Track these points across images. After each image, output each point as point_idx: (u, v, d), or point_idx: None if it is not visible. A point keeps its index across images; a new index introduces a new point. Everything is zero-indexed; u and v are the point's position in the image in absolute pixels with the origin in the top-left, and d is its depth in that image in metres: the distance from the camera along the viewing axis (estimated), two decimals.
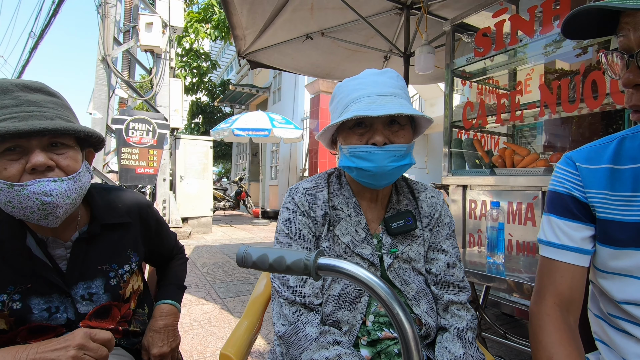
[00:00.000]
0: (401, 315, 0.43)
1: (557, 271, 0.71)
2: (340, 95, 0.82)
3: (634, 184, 0.65)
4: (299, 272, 0.49)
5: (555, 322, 0.67)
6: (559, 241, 0.71)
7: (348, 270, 0.47)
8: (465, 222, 2.36)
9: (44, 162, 0.71)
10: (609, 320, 0.72)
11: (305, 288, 0.77)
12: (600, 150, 0.71)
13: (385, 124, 0.78)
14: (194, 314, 2.76)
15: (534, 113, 2.05)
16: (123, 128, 5.77)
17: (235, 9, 2.98)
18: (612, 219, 0.66)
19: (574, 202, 0.71)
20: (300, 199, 0.84)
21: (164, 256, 1.10)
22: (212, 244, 5.94)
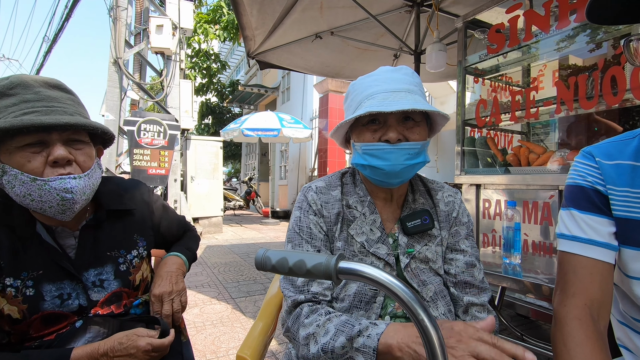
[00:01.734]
0: (426, 321, 0.42)
1: (586, 268, 0.66)
2: (354, 93, 0.81)
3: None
4: (319, 276, 0.48)
5: (587, 329, 0.61)
6: (585, 235, 0.68)
7: (370, 274, 0.46)
8: (479, 221, 2.32)
9: (65, 155, 0.74)
10: (634, 326, 0.69)
11: (313, 286, 0.77)
12: (622, 146, 0.68)
13: (399, 120, 0.77)
14: (206, 314, 2.78)
15: (550, 110, 2.01)
16: (135, 129, 5.84)
17: (245, 9, 2.99)
18: (633, 217, 0.64)
19: (598, 196, 0.68)
20: (313, 197, 0.83)
21: (175, 237, 1.13)
22: (223, 243, 5.99)
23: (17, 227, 0.77)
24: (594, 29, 1.83)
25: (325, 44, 3.72)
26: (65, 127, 0.73)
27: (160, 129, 6.03)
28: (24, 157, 0.72)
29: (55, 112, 0.74)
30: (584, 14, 1.88)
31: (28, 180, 0.71)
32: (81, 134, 0.79)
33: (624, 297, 0.71)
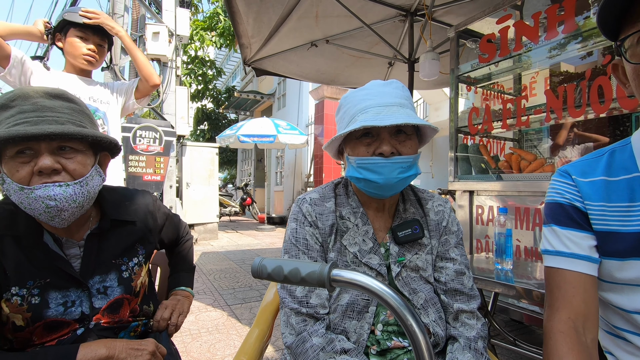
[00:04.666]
0: (414, 326, 0.44)
1: (569, 282, 0.68)
2: (347, 106, 0.83)
3: (630, 194, 0.65)
4: (313, 283, 0.50)
5: (570, 342, 0.63)
6: (568, 250, 0.70)
7: (361, 282, 0.48)
8: (473, 227, 2.35)
9: (50, 165, 0.74)
10: (616, 333, 0.72)
11: (312, 298, 0.78)
12: (594, 163, 0.71)
13: (392, 133, 0.79)
14: (202, 321, 2.77)
15: (540, 118, 2.05)
16: (130, 136, 5.84)
17: (242, 18, 3.03)
18: (611, 230, 0.66)
19: (577, 212, 0.71)
20: (308, 209, 0.85)
21: (175, 241, 1.17)
22: (218, 250, 5.97)
23: (23, 237, 0.78)
24: (583, 39, 1.88)
25: (321, 51, 3.76)
26: (51, 137, 0.73)
27: (156, 136, 6.03)
28: (14, 167, 0.73)
29: (45, 122, 0.74)
30: (571, 25, 1.92)
31: (17, 189, 0.72)
32: (74, 142, 0.78)
33: (608, 307, 0.74)
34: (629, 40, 0.61)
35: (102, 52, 1.79)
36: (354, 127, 0.75)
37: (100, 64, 1.83)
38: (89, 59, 1.72)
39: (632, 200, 0.66)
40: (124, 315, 0.89)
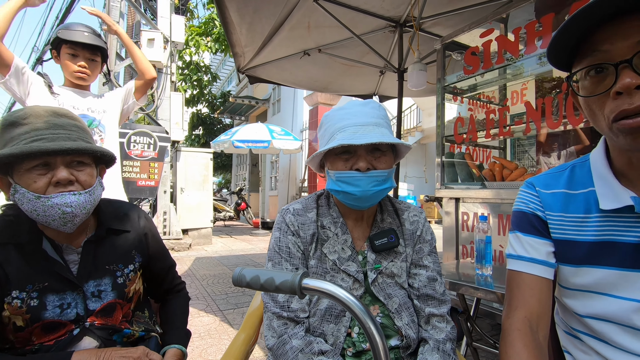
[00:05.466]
0: (373, 330, 0.50)
1: (527, 284, 0.74)
2: (327, 124, 0.90)
3: (585, 207, 0.71)
4: (286, 291, 0.56)
5: (525, 339, 0.69)
6: (528, 254, 0.76)
7: (328, 290, 0.54)
8: (458, 234, 2.42)
9: (67, 177, 0.84)
10: (572, 333, 0.78)
11: (293, 303, 0.84)
12: (557, 177, 0.78)
13: (368, 150, 0.86)
14: (194, 326, 2.80)
15: (522, 128, 2.13)
16: (125, 141, 5.87)
17: (235, 28, 3.10)
18: (567, 238, 0.73)
19: (538, 221, 0.77)
20: (291, 219, 0.91)
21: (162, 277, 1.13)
22: (212, 255, 5.99)
23: (25, 244, 0.85)
24: None
25: (313, 60, 3.84)
26: (68, 152, 0.83)
27: (150, 141, 6.07)
28: (31, 179, 0.82)
29: (60, 138, 0.84)
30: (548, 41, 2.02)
31: (33, 198, 0.81)
32: (83, 157, 0.89)
33: (565, 309, 0.80)
34: (579, 74, 0.66)
35: (95, 66, 1.84)
36: (333, 145, 0.82)
37: (95, 77, 1.88)
38: (80, 75, 1.77)
39: (587, 212, 0.72)
40: (117, 318, 0.94)
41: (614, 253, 0.67)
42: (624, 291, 0.66)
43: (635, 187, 0.65)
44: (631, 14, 0.56)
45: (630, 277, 0.65)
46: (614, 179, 0.68)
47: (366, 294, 0.89)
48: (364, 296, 0.88)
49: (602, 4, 0.56)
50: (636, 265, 0.65)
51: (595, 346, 0.71)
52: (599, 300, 0.69)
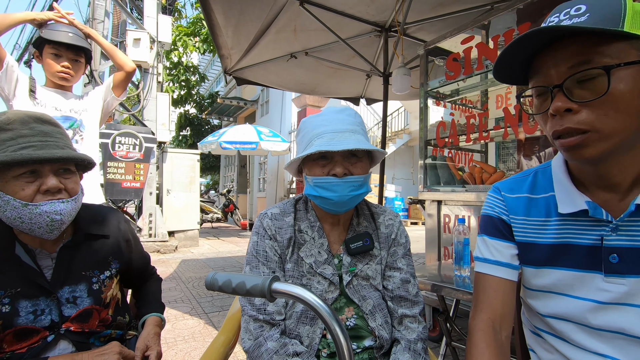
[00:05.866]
0: (339, 333, 0.52)
1: (491, 286, 0.78)
2: (305, 130, 0.92)
3: (546, 211, 0.75)
4: (256, 294, 0.58)
5: (488, 339, 0.72)
6: (493, 257, 0.79)
7: (297, 293, 0.56)
8: (440, 235, 2.47)
9: (57, 185, 0.85)
10: (536, 332, 0.82)
11: (269, 306, 0.86)
12: (521, 182, 0.81)
13: (344, 156, 0.88)
14: (178, 330, 2.79)
15: (501, 133, 2.19)
16: (109, 142, 5.79)
17: (221, 30, 3.10)
18: (529, 241, 0.76)
19: (502, 224, 0.80)
20: (268, 224, 0.93)
21: (139, 273, 1.18)
22: (198, 257, 5.94)
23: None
24: None
25: (300, 63, 3.86)
26: (58, 160, 0.84)
27: (136, 142, 5.99)
28: (18, 186, 0.81)
29: (49, 146, 0.84)
30: None
31: (19, 206, 0.80)
32: (70, 165, 0.89)
33: (529, 309, 0.84)
34: (529, 92, 0.70)
35: (79, 67, 1.82)
36: (310, 152, 0.84)
37: (78, 78, 1.86)
38: (63, 75, 1.75)
39: (547, 215, 0.76)
40: (93, 324, 0.94)
41: (571, 255, 0.71)
42: (579, 291, 0.70)
43: (589, 193, 0.69)
44: (566, 40, 0.60)
45: (585, 278, 0.69)
46: (571, 184, 0.71)
47: (341, 296, 0.91)
48: (339, 298, 0.91)
49: (532, 36, 0.61)
50: (590, 266, 0.68)
51: (556, 345, 0.75)
52: (558, 300, 0.73)
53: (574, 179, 0.72)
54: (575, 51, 0.59)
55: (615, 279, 0.66)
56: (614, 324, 0.66)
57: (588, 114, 0.59)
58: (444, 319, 1.74)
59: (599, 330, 0.68)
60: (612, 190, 0.67)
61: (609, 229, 0.66)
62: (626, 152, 0.63)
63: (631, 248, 0.65)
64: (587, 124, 0.59)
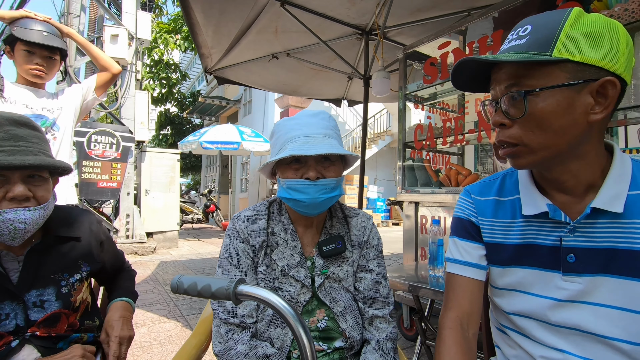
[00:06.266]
0: (302, 335, 0.53)
1: (460, 286, 0.81)
2: (278, 133, 0.93)
3: (512, 212, 0.78)
4: (222, 297, 0.58)
5: (455, 336, 0.75)
6: (462, 258, 0.83)
7: (262, 296, 0.56)
8: (418, 236, 2.52)
9: (24, 193, 0.81)
10: (502, 329, 0.85)
11: (240, 309, 0.86)
12: (490, 185, 0.85)
13: (318, 160, 0.89)
14: (154, 333, 2.73)
15: (475, 136, 2.26)
16: (85, 141, 5.61)
17: (201, 29, 3.06)
18: (497, 241, 0.79)
19: (471, 226, 0.84)
20: (241, 226, 0.93)
21: (114, 272, 1.17)
22: (177, 259, 5.83)
23: None
24: None
25: (282, 63, 3.86)
26: (28, 167, 0.81)
27: (113, 141, 5.84)
28: None
29: (21, 152, 0.81)
30: None
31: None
32: (42, 171, 0.86)
33: (496, 307, 0.87)
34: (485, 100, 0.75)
35: (53, 64, 1.77)
36: (284, 155, 0.84)
37: (52, 75, 1.81)
38: (36, 73, 1.70)
39: (513, 217, 0.79)
40: (61, 329, 0.92)
41: (534, 254, 0.74)
42: (540, 289, 0.73)
43: (550, 196, 0.73)
44: (502, 64, 0.66)
45: (546, 276, 0.73)
46: (534, 188, 0.75)
47: (313, 298, 0.92)
48: (311, 301, 0.91)
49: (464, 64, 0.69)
50: (550, 265, 0.72)
51: (519, 341, 0.78)
52: (521, 298, 0.76)
53: (537, 183, 0.76)
54: (509, 73, 0.65)
55: (572, 278, 0.69)
56: (571, 321, 0.69)
57: (517, 130, 0.65)
58: (418, 318, 1.78)
59: (557, 327, 0.71)
60: (569, 193, 0.71)
61: (567, 230, 0.70)
62: (573, 160, 0.67)
63: (587, 248, 0.68)
64: (515, 138, 0.66)
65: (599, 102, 0.62)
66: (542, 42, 0.61)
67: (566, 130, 0.63)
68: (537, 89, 0.62)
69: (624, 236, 0.66)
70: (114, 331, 0.96)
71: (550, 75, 0.61)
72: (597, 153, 0.67)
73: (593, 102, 0.62)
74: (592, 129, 0.64)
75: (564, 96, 0.61)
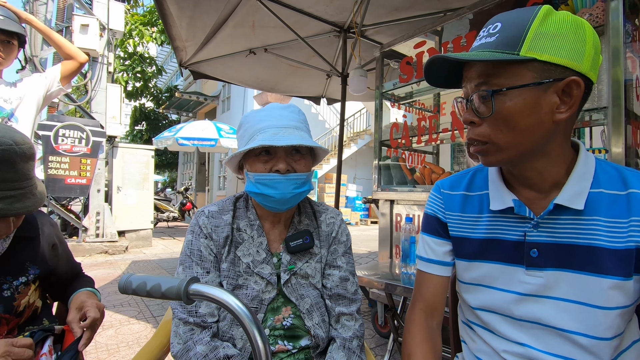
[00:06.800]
0: (257, 336, 0.50)
1: (425, 281, 0.84)
2: (247, 124, 0.89)
3: (479, 207, 0.79)
4: (172, 297, 0.55)
5: (419, 326, 0.80)
6: (427, 256, 0.85)
7: (215, 295, 0.53)
8: (392, 234, 2.53)
9: None
10: (468, 324, 0.86)
11: (201, 308, 0.82)
12: (460, 179, 0.85)
13: (288, 152, 0.87)
14: (122, 335, 2.63)
15: (449, 136, 2.29)
16: (51, 135, 5.35)
17: (174, 21, 2.96)
18: (463, 236, 0.80)
19: (438, 222, 0.85)
20: (204, 222, 0.89)
21: (67, 281, 1.08)
22: (151, 258, 5.66)
23: None
24: None
25: (259, 59, 3.79)
26: None
27: (82, 135, 5.59)
28: None
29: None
30: None
31: None
32: None
33: (463, 302, 0.87)
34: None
35: (10, 49, 1.66)
36: (254, 145, 0.81)
37: (9, 62, 1.70)
38: None
39: (480, 212, 0.79)
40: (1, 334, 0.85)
41: (498, 249, 0.75)
42: (504, 283, 0.74)
43: (517, 192, 0.74)
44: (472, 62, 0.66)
45: (509, 271, 0.74)
46: (502, 183, 0.76)
47: (279, 295, 0.89)
48: (276, 298, 0.89)
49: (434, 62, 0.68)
50: (514, 260, 0.73)
51: (483, 335, 0.79)
52: (486, 292, 0.77)
53: (506, 179, 0.76)
54: (478, 71, 0.65)
55: (535, 272, 0.70)
56: (533, 315, 0.71)
57: (486, 128, 0.66)
58: (391, 315, 1.78)
59: (520, 321, 0.73)
60: (535, 189, 0.71)
61: (531, 226, 0.71)
62: (538, 158, 0.68)
63: (549, 243, 0.69)
64: (484, 136, 0.66)
65: (564, 102, 0.62)
66: (510, 41, 0.61)
67: (532, 129, 0.63)
68: (504, 89, 0.62)
69: (584, 232, 0.67)
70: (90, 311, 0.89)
71: (517, 74, 0.61)
72: (563, 151, 0.68)
73: (558, 102, 0.62)
74: (557, 128, 0.64)
75: (530, 95, 0.61)
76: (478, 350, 0.81)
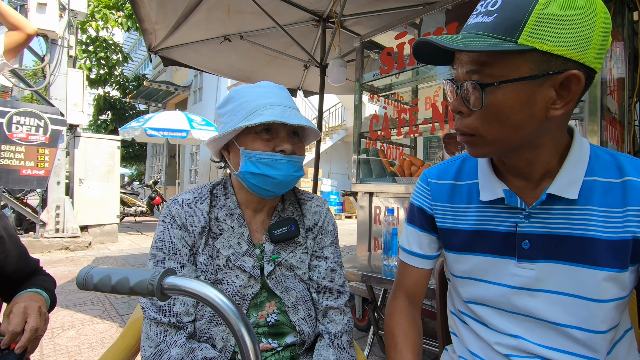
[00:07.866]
0: (244, 334, 0.44)
1: (407, 272, 0.83)
2: (241, 99, 0.80)
3: (468, 197, 0.75)
4: (143, 293, 0.46)
5: (400, 309, 0.82)
6: (409, 248, 0.83)
7: (194, 289, 0.46)
8: (371, 227, 2.51)
9: None
10: (459, 316, 0.83)
11: (175, 306, 0.74)
12: (448, 168, 0.81)
13: (289, 134, 0.81)
14: (84, 336, 2.45)
15: (429, 128, 2.28)
16: (4, 122, 4.93)
17: (143, 1, 2.77)
18: (451, 227, 0.76)
19: (422, 214, 0.82)
20: (178, 211, 0.80)
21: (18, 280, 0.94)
22: (116, 254, 5.38)
23: None
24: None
25: (235, 47, 3.64)
26: None
27: (40, 123, 5.19)
28: None
29: None
30: None
31: None
32: None
33: (454, 293, 0.84)
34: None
35: None
36: (266, 120, 0.73)
37: None
38: None
39: (469, 202, 0.76)
40: None
41: (488, 241, 0.72)
42: (495, 276, 0.71)
43: (507, 181, 0.70)
44: None
45: (499, 264, 0.70)
46: (492, 173, 0.72)
47: (262, 289, 0.82)
48: (259, 292, 0.82)
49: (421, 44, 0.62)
50: (504, 252, 0.70)
51: (475, 327, 0.76)
52: (477, 286, 0.74)
53: (495, 167, 0.73)
54: (471, 57, 0.59)
55: (527, 264, 0.67)
56: (526, 308, 0.68)
57: (474, 120, 0.61)
58: (372, 308, 1.76)
59: (512, 313, 0.70)
60: (526, 179, 0.68)
61: (523, 216, 0.67)
62: (530, 150, 0.64)
63: (541, 234, 0.67)
64: (472, 128, 0.62)
65: (562, 96, 0.57)
66: (509, 25, 0.54)
67: (523, 124, 0.59)
68: (496, 83, 0.56)
69: (577, 222, 0.64)
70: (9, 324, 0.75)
71: (512, 65, 0.55)
72: (556, 141, 0.65)
73: (555, 96, 0.57)
74: (550, 123, 0.60)
75: (524, 89, 0.56)
76: (470, 342, 0.78)
